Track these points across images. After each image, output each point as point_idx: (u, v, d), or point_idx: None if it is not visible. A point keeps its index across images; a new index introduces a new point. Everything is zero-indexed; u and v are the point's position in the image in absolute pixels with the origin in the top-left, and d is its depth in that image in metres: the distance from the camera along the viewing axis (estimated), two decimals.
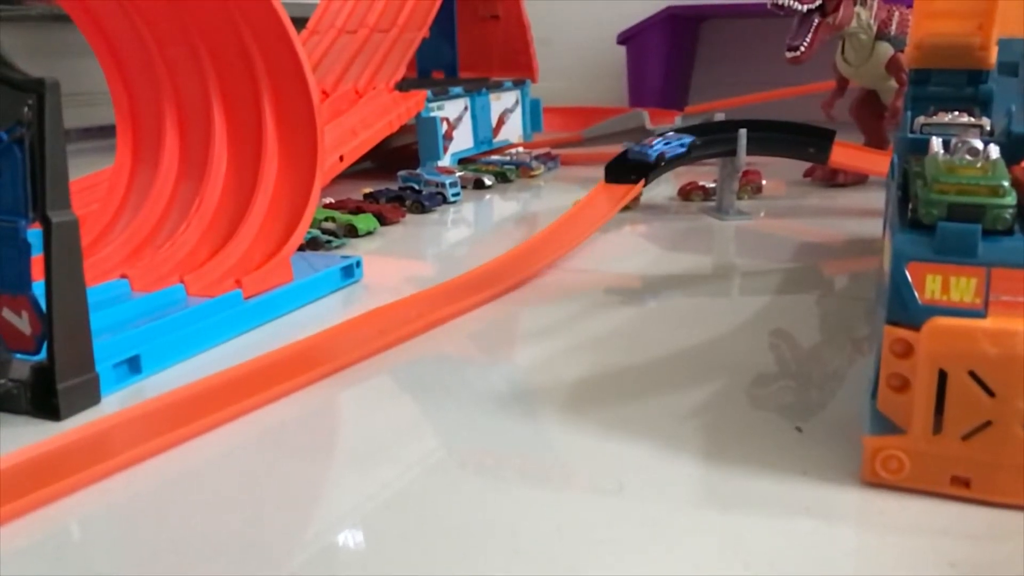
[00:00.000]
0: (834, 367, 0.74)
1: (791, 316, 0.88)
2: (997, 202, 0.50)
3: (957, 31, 0.71)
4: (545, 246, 1.06)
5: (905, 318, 0.51)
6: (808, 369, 0.74)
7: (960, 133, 0.57)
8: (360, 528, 0.51)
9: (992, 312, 0.50)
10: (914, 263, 0.51)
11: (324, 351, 0.76)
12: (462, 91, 1.79)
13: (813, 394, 0.69)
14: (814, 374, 0.73)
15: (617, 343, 0.80)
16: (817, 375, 0.73)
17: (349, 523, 0.51)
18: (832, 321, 0.87)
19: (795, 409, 0.65)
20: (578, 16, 2.87)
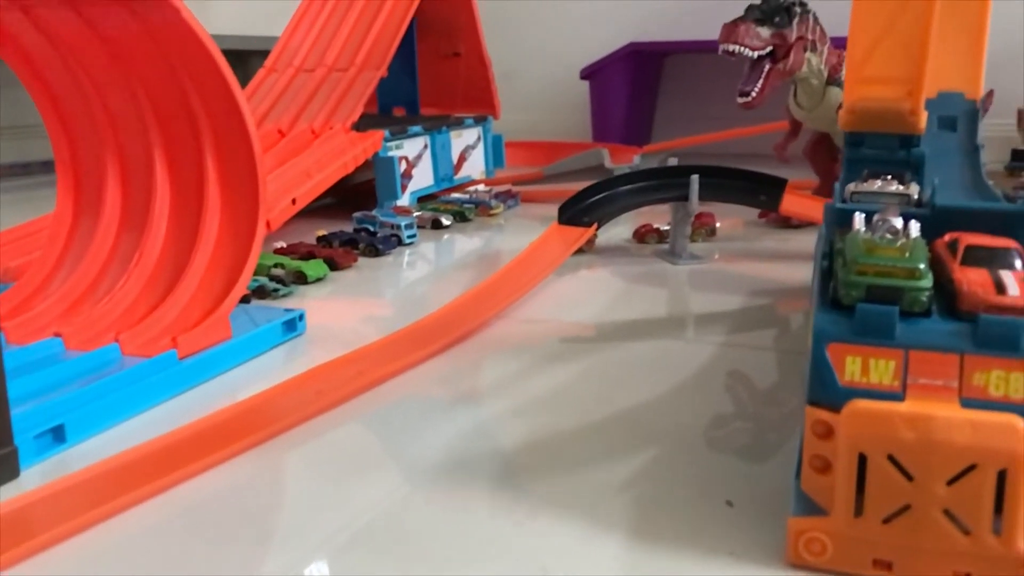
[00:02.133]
0: (774, 434, 0.74)
1: (737, 373, 0.88)
2: (914, 285, 0.50)
3: (888, 97, 0.72)
4: (494, 294, 1.06)
5: (826, 399, 0.51)
6: (747, 435, 0.74)
7: (883, 210, 0.57)
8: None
9: (910, 395, 0.49)
10: (834, 344, 0.51)
11: (257, 416, 0.75)
12: (421, 129, 1.78)
13: (749, 464, 0.68)
14: (753, 441, 0.73)
15: (558, 404, 0.80)
16: (756, 442, 0.72)
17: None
18: (778, 379, 0.87)
19: (730, 479, 0.65)
20: (543, 50, 2.89)
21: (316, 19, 1.89)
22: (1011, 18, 2.38)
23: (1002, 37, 2.39)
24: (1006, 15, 2.38)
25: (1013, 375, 0.48)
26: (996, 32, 2.47)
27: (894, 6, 0.69)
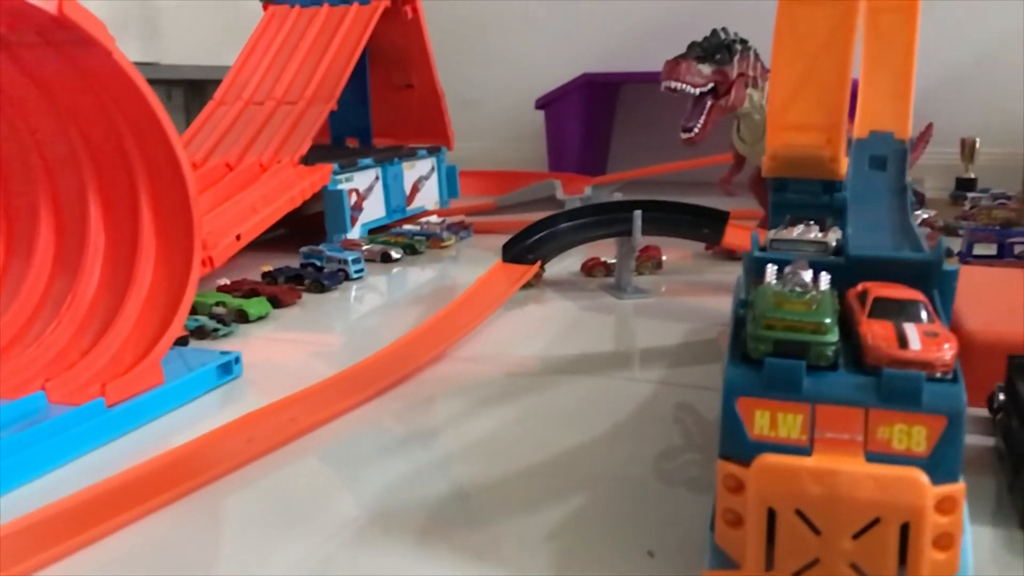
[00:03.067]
0: (705, 480, 0.74)
1: (673, 414, 0.88)
2: (819, 339, 0.51)
3: (808, 144, 0.73)
4: (434, 335, 1.05)
5: (736, 453, 0.51)
6: (677, 481, 0.74)
7: (794, 262, 0.58)
8: None
9: (817, 449, 0.50)
10: (743, 398, 0.51)
11: (183, 468, 0.74)
12: (372, 161, 1.78)
13: (676, 511, 0.69)
14: (678, 487, 0.73)
15: (493, 449, 0.79)
16: (685, 489, 0.73)
17: None
18: (712, 421, 0.87)
19: (656, 528, 0.65)
20: (503, 79, 2.92)
21: (267, 52, 1.89)
22: (953, 51, 2.45)
23: (945, 69, 2.46)
24: (950, 48, 2.45)
25: (915, 428, 0.49)
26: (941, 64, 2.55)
27: (812, 56, 0.70)
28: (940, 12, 2.44)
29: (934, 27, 2.44)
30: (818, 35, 0.70)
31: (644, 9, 2.69)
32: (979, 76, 2.44)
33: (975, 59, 2.44)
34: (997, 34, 2.40)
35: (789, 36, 0.71)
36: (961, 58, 2.45)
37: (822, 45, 0.70)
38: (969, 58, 2.44)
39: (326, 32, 1.89)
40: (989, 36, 2.41)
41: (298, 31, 1.92)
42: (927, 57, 2.59)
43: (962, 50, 2.44)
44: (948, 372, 0.50)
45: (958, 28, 2.43)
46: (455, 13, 2.92)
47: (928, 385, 0.49)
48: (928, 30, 2.59)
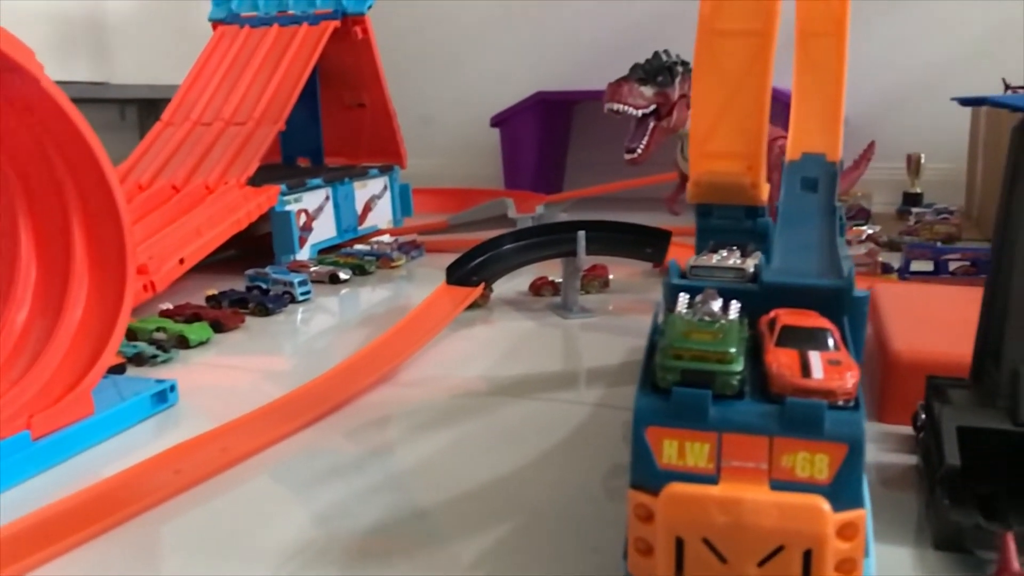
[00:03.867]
0: None
1: (608, 437, 0.89)
2: (725, 368, 0.52)
3: (730, 171, 0.74)
4: (375, 359, 1.05)
5: (646, 482, 0.52)
6: (603, 506, 0.75)
7: (704, 292, 0.59)
8: None
9: (724, 477, 0.51)
10: (652, 428, 0.52)
11: (109, 501, 0.73)
12: (322, 182, 1.78)
13: (597, 536, 0.69)
14: (606, 512, 0.73)
15: (425, 477, 0.79)
16: (608, 513, 0.73)
17: None
18: None
19: (579, 555, 0.65)
20: (460, 96, 2.93)
21: (215, 72, 1.88)
22: (901, 69, 2.50)
23: (893, 86, 2.51)
24: (897, 66, 2.51)
25: (817, 456, 0.50)
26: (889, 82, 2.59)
27: (731, 86, 0.72)
28: (888, 31, 2.50)
29: (882, 46, 2.51)
30: (736, 66, 0.71)
31: (599, 28, 2.72)
32: (925, 93, 2.50)
33: (922, 77, 2.50)
34: (943, 53, 2.46)
35: (708, 67, 0.72)
36: (908, 76, 2.51)
37: (740, 75, 0.71)
38: (916, 76, 2.50)
39: (275, 52, 1.89)
40: (935, 54, 2.47)
41: (247, 51, 1.91)
42: (875, 75, 2.66)
43: (909, 68, 2.50)
44: (850, 400, 0.51)
45: (906, 46, 2.49)
46: (410, 31, 2.93)
47: (830, 413, 0.50)
48: (876, 49, 2.66)
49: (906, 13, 2.50)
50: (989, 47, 2.39)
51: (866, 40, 2.53)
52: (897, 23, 2.51)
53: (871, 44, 2.53)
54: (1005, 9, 2.37)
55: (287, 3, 1.98)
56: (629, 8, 2.68)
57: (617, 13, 2.69)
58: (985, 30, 2.41)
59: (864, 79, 2.55)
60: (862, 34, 2.53)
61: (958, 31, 2.44)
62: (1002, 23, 2.38)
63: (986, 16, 2.40)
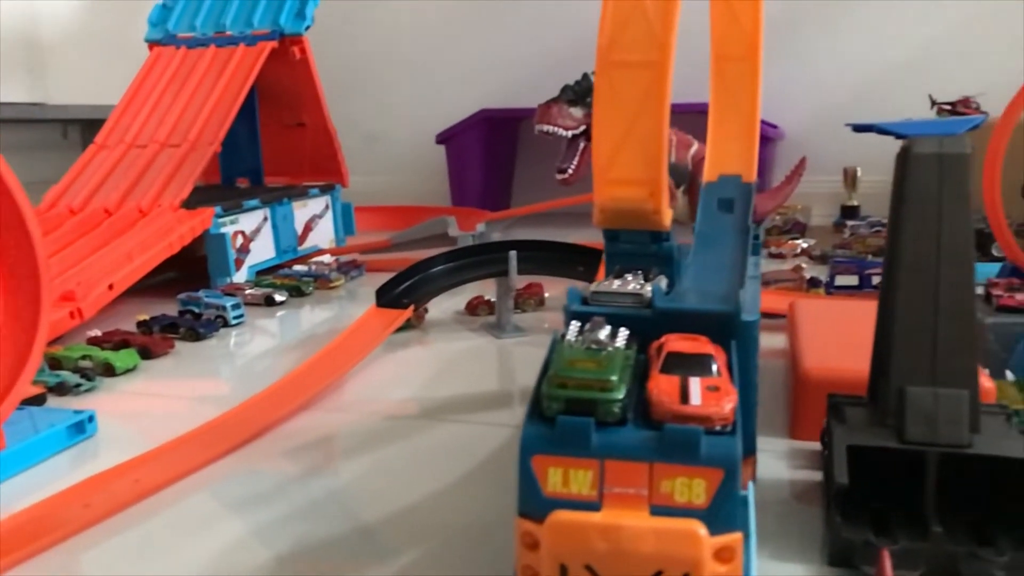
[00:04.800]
0: None
1: None
2: (606, 396, 0.53)
3: (632, 197, 0.75)
4: (300, 384, 1.05)
5: (532, 510, 0.53)
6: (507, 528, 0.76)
7: (592, 322, 0.60)
8: None
9: (606, 504, 0.52)
10: (538, 456, 0.53)
11: (15, 536, 0.72)
12: (259, 203, 1.77)
13: (506, 562, 0.70)
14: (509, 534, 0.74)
15: (337, 506, 0.79)
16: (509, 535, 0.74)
17: None
18: None
19: None
20: (406, 114, 2.94)
21: (151, 93, 1.87)
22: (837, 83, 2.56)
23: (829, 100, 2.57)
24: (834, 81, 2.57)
25: (695, 481, 0.51)
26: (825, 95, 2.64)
27: (630, 115, 0.73)
28: (824, 47, 2.56)
29: (819, 62, 2.57)
30: (634, 96, 0.72)
31: (545, 47, 2.74)
32: (860, 108, 2.55)
33: (857, 91, 2.55)
34: (878, 68, 2.52)
35: (608, 97, 0.73)
36: (844, 91, 2.56)
37: (638, 105, 0.73)
38: (852, 91, 2.56)
39: (212, 73, 1.88)
40: (870, 70, 2.53)
41: (184, 72, 1.90)
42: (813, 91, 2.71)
43: (845, 83, 2.56)
44: (727, 425, 0.53)
45: (842, 62, 2.55)
46: (356, 49, 2.93)
47: (706, 439, 0.52)
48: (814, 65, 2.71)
49: (842, 30, 2.56)
50: (922, 62, 2.45)
51: (804, 57, 2.59)
52: (833, 40, 2.57)
53: (809, 61, 2.59)
54: (938, 25, 2.44)
55: (224, 24, 1.98)
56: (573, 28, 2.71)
57: (562, 32, 2.72)
58: (918, 46, 2.48)
59: (802, 95, 2.61)
60: (800, 51, 2.60)
61: (892, 47, 2.51)
62: (935, 39, 2.45)
63: (919, 32, 2.47)
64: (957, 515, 0.66)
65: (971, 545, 0.63)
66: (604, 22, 0.73)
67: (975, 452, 0.63)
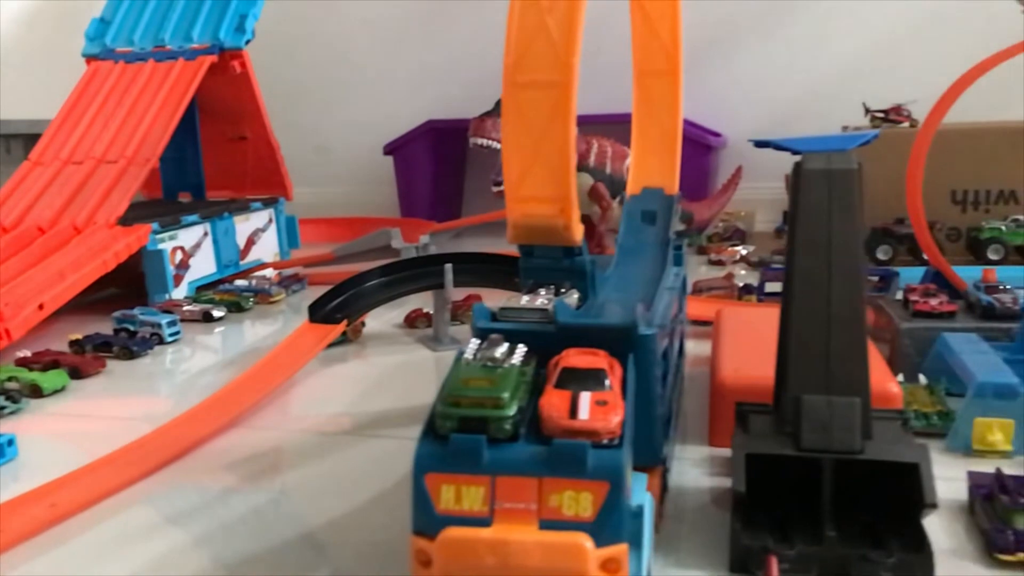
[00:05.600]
0: None
1: None
2: (498, 414, 0.54)
3: (543, 214, 0.77)
4: (227, 402, 1.05)
5: (425, 528, 0.54)
6: None
7: (489, 340, 0.61)
8: None
9: (497, 520, 0.53)
10: (431, 474, 0.54)
11: None
12: (198, 218, 1.76)
13: None
14: None
15: (248, 528, 0.78)
16: None
17: None
18: None
19: None
20: (355, 125, 2.93)
21: (87, 109, 1.85)
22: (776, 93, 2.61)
23: (769, 108, 2.62)
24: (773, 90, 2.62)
25: (582, 495, 0.52)
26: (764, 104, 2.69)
27: (537, 135, 0.74)
28: (764, 56, 2.61)
29: (760, 70, 2.62)
30: (540, 115, 0.74)
31: (492, 57, 2.75)
32: (801, 114, 2.61)
33: (798, 98, 2.61)
34: (817, 76, 2.58)
35: (515, 117, 0.75)
36: (785, 98, 2.61)
37: (544, 124, 0.74)
38: (792, 98, 2.61)
39: (150, 88, 1.87)
40: (809, 77, 2.59)
41: (121, 87, 1.89)
42: (754, 98, 2.76)
43: (785, 91, 2.61)
44: (614, 439, 0.54)
45: (782, 70, 2.60)
46: (307, 60, 2.93)
47: (593, 452, 0.53)
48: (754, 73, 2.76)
49: (783, 39, 2.61)
50: (860, 71, 2.51)
51: (746, 65, 2.64)
52: (774, 48, 2.62)
53: (751, 69, 2.64)
54: (875, 34, 2.50)
55: (163, 39, 1.97)
56: None
57: None
58: (856, 55, 2.54)
59: (745, 103, 2.66)
60: (742, 60, 2.64)
61: (832, 55, 2.56)
62: (873, 47, 2.51)
63: (857, 41, 2.53)
64: (853, 519, 0.68)
65: (863, 548, 0.65)
66: (509, 43, 0.74)
67: (866, 457, 0.65)
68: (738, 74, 2.67)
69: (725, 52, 2.67)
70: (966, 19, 2.41)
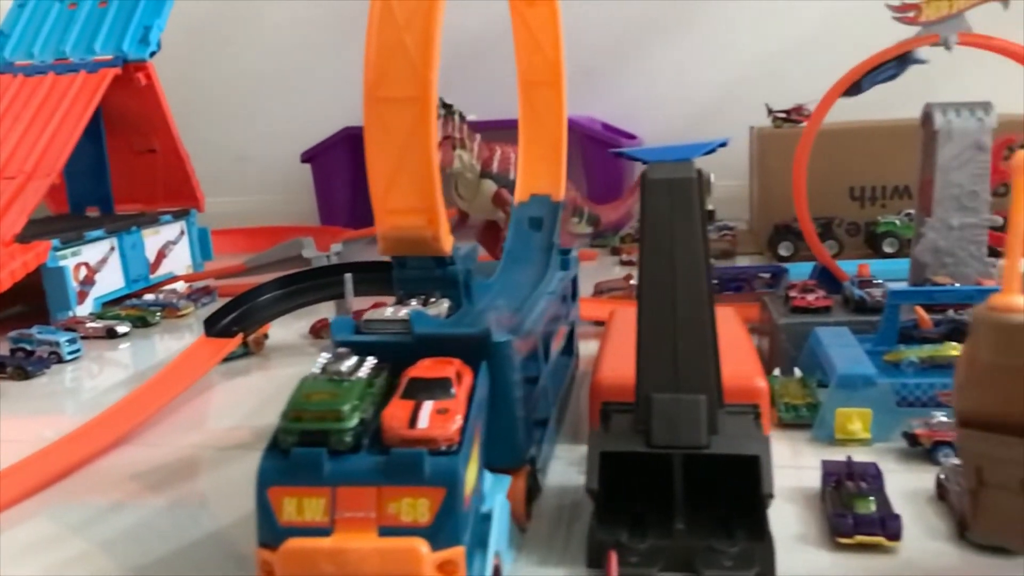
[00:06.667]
0: None
1: None
2: (338, 427, 0.56)
3: (411, 225, 0.78)
4: (116, 420, 1.04)
5: (270, 541, 0.55)
6: None
7: (336, 353, 0.63)
8: None
9: (337, 529, 0.55)
10: (273, 488, 0.56)
11: None
12: (103, 232, 1.74)
13: None
14: None
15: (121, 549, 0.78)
16: None
17: None
18: None
19: None
20: (272, 133, 2.91)
21: None
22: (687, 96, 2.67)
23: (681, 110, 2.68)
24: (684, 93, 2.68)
25: (419, 501, 0.55)
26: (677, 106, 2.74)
27: (400, 148, 0.76)
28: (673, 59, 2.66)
29: (670, 73, 2.67)
30: (402, 129, 0.75)
31: None
32: (710, 116, 2.67)
33: (707, 100, 2.67)
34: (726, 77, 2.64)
35: (378, 131, 0.76)
36: (695, 100, 2.68)
37: (406, 138, 0.76)
38: (703, 99, 2.68)
39: (51, 101, 1.83)
40: (718, 79, 2.65)
41: (20, 101, 1.85)
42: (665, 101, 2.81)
43: (696, 93, 2.67)
44: (453, 445, 0.56)
45: (691, 73, 2.66)
46: (226, 69, 2.91)
47: (431, 459, 0.55)
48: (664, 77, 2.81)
49: (694, 43, 2.67)
50: (766, 73, 2.58)
51: (659, 69, 2.70)
52: (686, 52, 2.68)
53: (663, 72, 2.69)
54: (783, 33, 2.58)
55: (64, 51, 1.93)
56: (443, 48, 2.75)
57: None
58: (766, 54, 2.61)
59: (658, 106, 2.71)
60: (655, 63, 2.70)
61: (742, 55, 2.63)
62: (780, 47, 2.59)
63: (765, 40, 2.60)
64: (707, 512, 0.72)
65: (710, 539, 0.68)
66: (368, 60, 0.76)
67: (711, 452, 0.69)
68: (653, 76, 2.73)
69: (639, 54, 2.73)
70: (860, 23, 2.49)
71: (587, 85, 2.77)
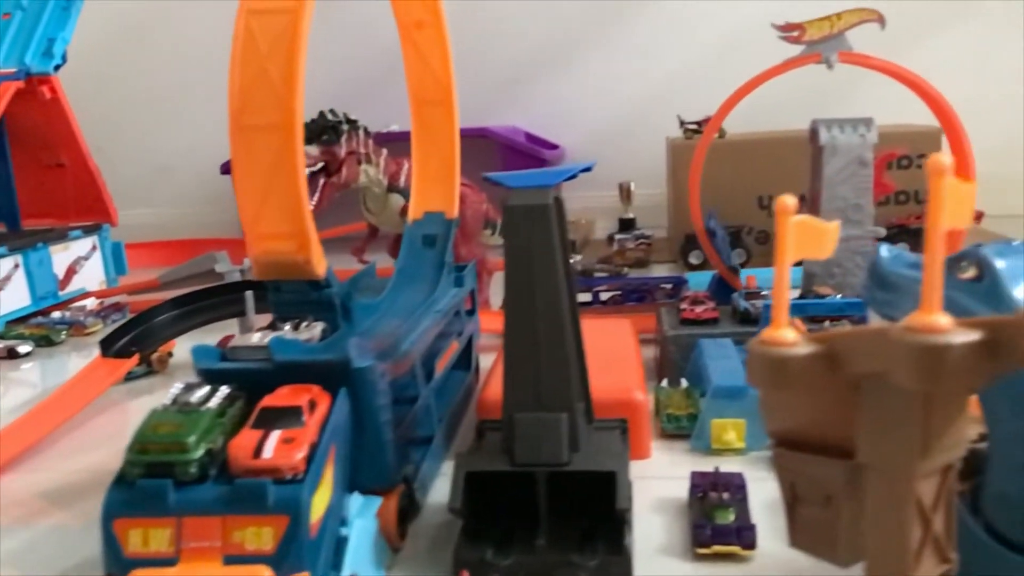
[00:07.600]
0: None
1: None
2: (183, 458, 0.57)
3: (283, 250, 0.79)
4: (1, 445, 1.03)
5: (116, 571, 0.56)
6: None
7: (187, 384, 0.64)
8: None
9: (184, 558, 0.55)
10: (119, 520, 0.56)
11: None
12: (6, 250, 1.70)
13: None
14: None
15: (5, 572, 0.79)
16: None
17: None
18: None
19: None
20: (193, 144, 2.88)
21: None
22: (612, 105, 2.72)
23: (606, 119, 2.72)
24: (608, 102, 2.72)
25: (264, 529, 0.56)
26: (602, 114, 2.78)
27: (267, 174, 0.76)
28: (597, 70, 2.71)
29: (594, 83, 2.72)
30: (268, 155, 0.76)
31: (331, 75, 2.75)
32: (632, 125, 2.72)
33: (629, 110, 2.72)
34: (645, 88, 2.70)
35: (244, 159, 0.77)
36: (618, 109, 2.73)
37: (273, 164, 0.76)
38: (624, 109, 2.73)
39: None
40: (639, 90, 2.70)
41: None
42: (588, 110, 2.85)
43: (618, 103, 2.72)
44: (298, 474, 0.58)
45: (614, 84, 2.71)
46: (143, 78, 2.87)
47: (275, 488, 0.56)
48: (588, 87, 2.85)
49: (613, 52, 2.72)
50: (689, 80, 2.64)
51: (580, 79, 2.74)
52: (606, 63, 2.73)
53: (584, 82, 2.74)
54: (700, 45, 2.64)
55: None
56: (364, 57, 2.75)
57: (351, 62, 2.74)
58: (684, 65, 2.67)
59: (580, 115, 2.76)
60: (576, 74, 2.74)
61: (662, 66, 2.69)
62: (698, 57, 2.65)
63: (685, 52, 2.66)
64: (572, 527, 0.74)
65: (570, 554, 0.70)
66: (233, 88, 0.76)
67: (571, 469, 0.71)
68: (577, 85, 2.77)
69: (564, 64, 2.77)
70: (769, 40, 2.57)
71: (511, 95, 2.80)
